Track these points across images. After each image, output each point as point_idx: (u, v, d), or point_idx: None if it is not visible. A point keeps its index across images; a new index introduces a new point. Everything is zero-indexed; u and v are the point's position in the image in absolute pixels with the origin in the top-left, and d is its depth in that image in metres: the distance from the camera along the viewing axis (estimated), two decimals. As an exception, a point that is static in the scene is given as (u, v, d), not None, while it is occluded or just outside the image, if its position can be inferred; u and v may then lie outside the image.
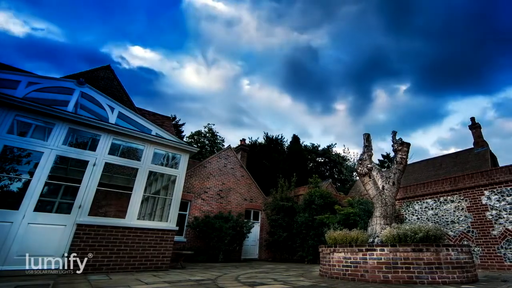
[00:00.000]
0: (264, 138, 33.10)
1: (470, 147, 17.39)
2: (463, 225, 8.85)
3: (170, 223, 6.51)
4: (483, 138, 16.84)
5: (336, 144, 58.72)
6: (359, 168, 6.29)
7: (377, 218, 5.49)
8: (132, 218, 5.96)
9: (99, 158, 5.96)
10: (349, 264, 4.55)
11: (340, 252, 4.81)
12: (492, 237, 8.08)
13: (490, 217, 8.27)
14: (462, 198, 9.11)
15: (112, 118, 6.53)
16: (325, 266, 5.17)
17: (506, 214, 7.96)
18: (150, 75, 78.46)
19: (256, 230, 13.85)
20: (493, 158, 17.07)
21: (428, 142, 77.42)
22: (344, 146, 77.87)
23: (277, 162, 27.11)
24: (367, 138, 6.61)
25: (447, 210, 9.40)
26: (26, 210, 4.90)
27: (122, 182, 8.97)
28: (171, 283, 3.83)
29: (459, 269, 4.07)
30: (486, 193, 8.55)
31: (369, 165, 6.16)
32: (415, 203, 10.42)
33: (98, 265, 5.26)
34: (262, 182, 21.40)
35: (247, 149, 18.61)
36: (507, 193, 8.09)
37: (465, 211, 8.91)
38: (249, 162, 21.95)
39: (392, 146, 6.34)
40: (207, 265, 8.15)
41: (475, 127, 17.36)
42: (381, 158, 36.37)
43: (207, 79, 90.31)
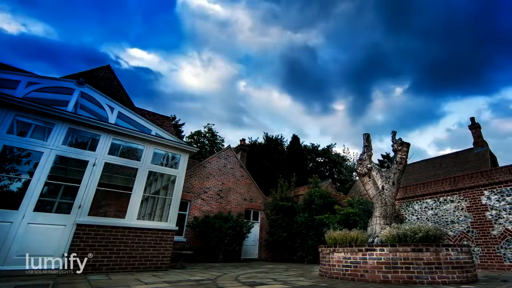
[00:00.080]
0: (264, 138, 33.15)
1: (470, 147, 17.39)
2: (463, 225, 8.86)
3: (170, 223, 6.51)
4: (483, 138, 16.83)
5: (336, 144, 58.78)
6: (359, 168, 6.29)
7: (377, 218, 5.49)
8: (132, 218, 5.96)
9: (99, 158, 5.96)
10: (349, 264, 4.56)
11: (340, 252, 4.81)
12: (492, 237, 8.09)
13: (490, 217, 8.28)
14: (462, 198, 9.12)
15: (112, 118, 6.53)
16: (325, 266, 5.17)
17: (506, 214, 7.96)
18: (149, 75, 78.70)
19: (256, 230, 13.85)
20: (493, 158, 17.08)
21: (425, 143, 77.57)
22: (344, 146, 78.05)
23: (277, 162, 27.14)
24: (367, 138, 6.61)
25: (447, 210, 9.40)
26: (26, 210, 4.90)
27: (122, 182, 8.97)
28: (171, 283, 3.83)
29: (459, 269, 4.07)
30: (486, 193, 8.55)
31: (369, 165, 6.16)
32: (415, 203, 10.42)
33: (98, 265, 5.26)
34: (262, 182, 21.40)
35: (247, 149, 18.62)
36: (507, 193, 8.10)
37: (465, 211, 8.92)
38: (249, 162, 21.96)
39: (392, 146, 6.34)
40: (207, 265, 8.15)
41: (475, 127, 17.35)
42: (381, 158, 36.38)
43: (205, 80, 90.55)
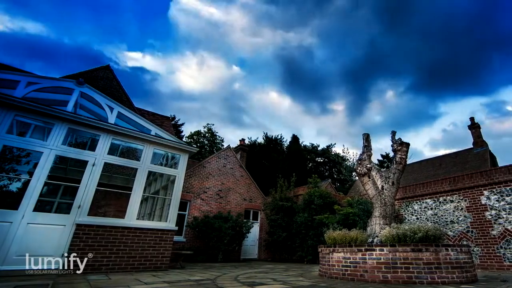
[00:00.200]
0: (264, 138, 33.16)
1: (470, 147, 17.40)
2: (463, 225, 8.86)
3: (170, 223, 6.51)
4: (483, 138, 16.84)
5: (336, 144, 58.79)
6: (359, 168, 6.29)
7: (377, 218, 5.49)
8: (132, 218, 5.95)
9: (99, 158, 5.96)
10: (349, 264, 4.56)
11: (340, 252, 4.81)
12: (492, 237, 8.10)
13: (490, 217, 8.29)
14: (462, 198, 9.12)
15: (112, 118, 6.52)
16: (325, 266, 5.17)
17: (506, 214, 7.97)
18: (146, 76, 78.86)
19: (256, 230, 13.85)
20: (493, 158, 17.08)
21: (421, 143, 77.35)
22: (344, 146, 77.96)
23: (277, 162, 27.14)
24: (367, 138, 6.61)
25: (447, 210, 9.41)
26: (26, 210, 4.89)
27: (122, 182, 8.96)
28: (171, 283, 3.83)
29: (459, 269, 4.07)
30: (486, 193, 8.56)
31: (369, 165, 6.16)
32: (415, 203, 10.43)
33: (98, 265, 5.26)
34: (262, 182, 21.41)
35: (247, 149, 18.62)
36: (507, 193, 8.11)
37: (465, 211, 8.93)
38: (249, 162, 21.95)
39: (392, 146, 6.34)
40: (207, 265, 8.15)
41: (475, 127, 17.35)
42: (380, 158, 36.40)
43: (203, 80, 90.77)
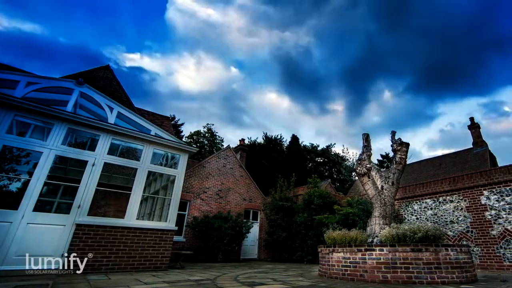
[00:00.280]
0: (263, 138, 33.15)
1: (469, 147, 17.41)
2: (462, 225, 8.86)
3: (169, 223, 6.51)
4: (482, 138, 16.86)
5: (335, 144, 58.78)
6: (358, 168, 6.29)
7: (376, 218, 5.50)
8: (131, 218, 5.95)
9: (98, 158, 5.95)
10: (348, 264, 4.56)
11: (339, 252, 4.81)
12: (491, 237, 8.10)
13: (489, 217, 8.29)
14: (461, 198, 9.13)
15: (111, 118, 6.52)
16: (324, 266, 5.17)
17: (505, 214, 7.97)
18: (146, 76, 78.77)
19: (255, 230, 13.85)
20: (492, 158, 17.09)
21: (419, 144, 77.31)
22: (343, 146, 78.01)
23: (276, 162, 27.15)
24: (366, 138, 6.61)
25: (446, 210, 9.41)
26: (25, 210, 4.89)
27: (121, 182, 8.96)
28: (170, 283, 3.83)
29: (458, 269, 4.07)
30: (485, 193, 8.57)
31: (368, 165, 6.17)
32: (414, 203, 10.43)
33: (97, 265, 5.26)
34: (261, 182, 21.41)
35: (246, 149, 18.62)
36: (506, 193, 8.11)
37: (464, 211, 8.93)
38: (248, 162, 21.96)
39: (391, 146, 6.34)
40: (206, 265, 8.15)
41: (474, 127, 17.36)
42: (380, 158, 36.41)
43: (202, 80, 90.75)
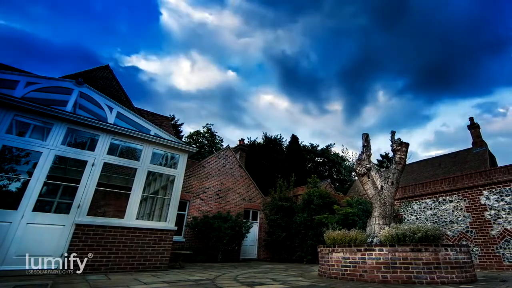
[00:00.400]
0: (263, 138, 33.14)
1: (469, 147, 17.43)
2: (462, 225, 8.87)
3: (169, 223, 6.51)
4: (482, 138, 16.89)
5: (335, 144, 58.86)
6: (358, 168, 6.30)
7: (376, 218, 5.50)
8: (131, 218, 5.95)
9: (98, 158, 5.95)
10: (348, 264, 4.56)
11: (339, 252, 4.81)
12: (491, 237, 8.11)
13: (489, 217, 8.30)
14: (461, 198, 9.13)
15: (111, 118, 6.52)
16: (324, 266, 5.17)
17: (505, 214, 7.98)
18: (144, 77, 78.83)
19: (255, 230, 13.85)
20: (492, 158, 17.12)
21: (415, 144, 76.92)
22: (343, 146, 78.07)
23: (276, 162, 27.15)
24: (366, 138, 6.62)
25: (446, 210, 9.42)
26: (25, 210, 4.88)
27: (121, 182, 8.95)
28: (170, 283, 3.83)
29: (458, 269, 4.08)
30: (485, 193, 8.57)
31: (368, 165, 6.17)
32: (414, 203, 10.44)
33: (97, 265, 5.25)
34: (261, 182, 21.42)
35: (246, 149, 18.62)
36: (506, 193, 8.12)
37: (464, 211, 8.94)
38: (248, 162, 21.95)
39: (391, 146, 6.35)
40: (206, 265, 8.15)
41: (474, 127, 17.39)
42: (380, 158, 36.43)
43: (200, 81, 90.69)
